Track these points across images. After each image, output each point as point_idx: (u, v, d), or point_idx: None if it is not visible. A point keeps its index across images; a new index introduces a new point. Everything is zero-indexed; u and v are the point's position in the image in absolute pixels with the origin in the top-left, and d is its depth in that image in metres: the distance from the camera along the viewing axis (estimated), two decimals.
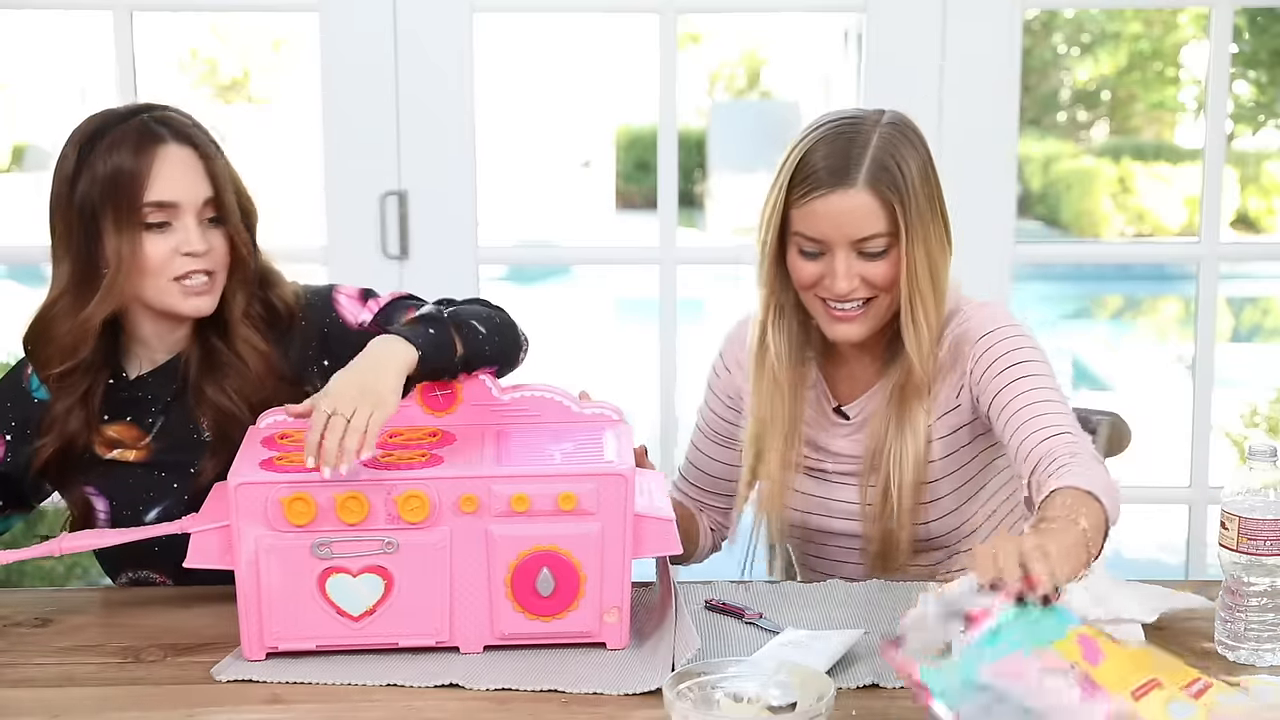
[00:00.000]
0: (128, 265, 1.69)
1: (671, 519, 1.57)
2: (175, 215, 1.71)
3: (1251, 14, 11.29)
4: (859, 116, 1.76)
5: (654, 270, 2.86)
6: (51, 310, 1.72)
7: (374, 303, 1.84)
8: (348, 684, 1.49)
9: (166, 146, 1.71)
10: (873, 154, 1.72)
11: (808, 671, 1.38)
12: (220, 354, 1.76)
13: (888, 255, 1.74)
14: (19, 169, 15.56)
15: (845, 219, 1.72)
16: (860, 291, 1.75)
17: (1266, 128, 14.25)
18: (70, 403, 1.75)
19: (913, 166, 1.73)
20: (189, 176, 1.71)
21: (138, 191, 1.68)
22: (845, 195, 1.71)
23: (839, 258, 1.73)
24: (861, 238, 1.73)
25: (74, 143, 1.72)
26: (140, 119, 1.72)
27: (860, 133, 1.73)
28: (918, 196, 1.73)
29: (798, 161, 1.74)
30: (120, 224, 1.68)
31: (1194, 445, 2.93)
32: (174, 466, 1.78)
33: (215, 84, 15.95)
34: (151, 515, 1.78)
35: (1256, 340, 10.48)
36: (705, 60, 18.73)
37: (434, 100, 2.77)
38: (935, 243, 1.76)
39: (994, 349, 1.77)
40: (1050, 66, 16.03)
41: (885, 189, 1.71)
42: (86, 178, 1.69)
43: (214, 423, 1.76)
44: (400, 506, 1.51)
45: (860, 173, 1.71)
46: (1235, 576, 1.54)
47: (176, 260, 1.71)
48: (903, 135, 1.75)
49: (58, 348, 1.72)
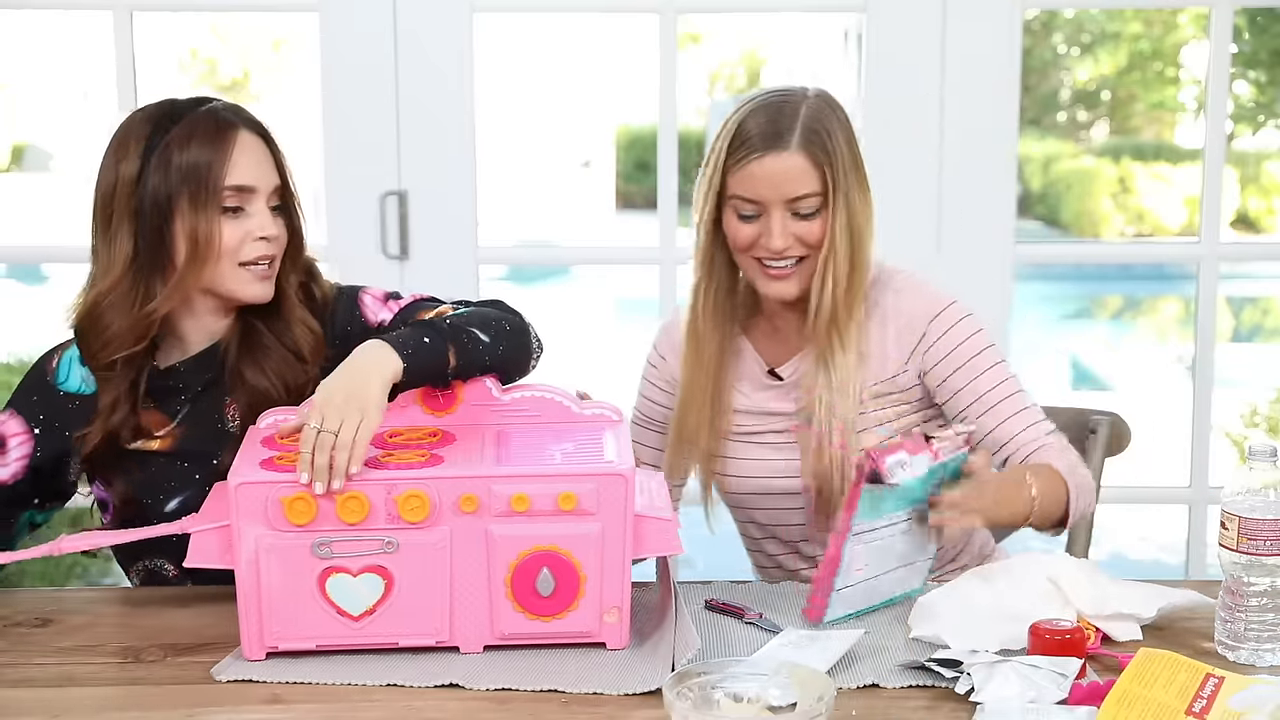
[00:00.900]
0: (203, 249, 1.72)
1: (671, 519, 1.57)
2: (249, 200, 1.75)
3: (1251, 14, 11.29)
4: (788, 89, 1.90)
5: (654, 270, 2.87)
6: (106, 299, 1.73)
7: (394, 304, 1.86)
8: (347, 684, 1.49)
9: (241, 133, 1.75)
10: (804, 120, 1.85)
11: (808, 671, 1.38)
12: (262, 337, 1.79)
13: (819, 215, 1.86)
14: (19, 169, 15.56)
15: (780, 179, 1.83)
16: (795, 249, 1.86)
17: (1266, 128, 14.25)
18: (116, 395, 1.76)
19: (839, 134, 1.86)
20: (263, 164, 1.77)
21: (219, 175, 1.72)
22: (779, 157, 1.83)
23: (774, 217, 1.85)
24: (795, 196, 1.84)
25: (134, 136, 1.74)
26: (210, 107, 1.76)
27: (789, 102, 1.87)
28: (844, 161, 1.86)
29: (734, 131, 1.87)
30: (198, 207, 1.71)
31: (1194, 445, 2.93)
32: (196, 457, 1.79)
33: (215, 84, 15.94)
34: (172, 505, 1.79)
35: (1256, 340, 10.48)
36: (705, 60, 18.72)
37: (434, 100, 2.77)
38: (859, 206, 1.87)
39: (952, 333, 1.90)
40: (1050, 66, 16.03)
41: (817, 151, 1.84)
42: (159, 168, 1.71)
43: (247, 409, 1.77)
44: (400, 506, 1.51)
45: (794, 136, 1.84)
46: (1235, 576, 1.54)
47: (248, 245, 1.75)
48: (829, 106, 1.89)
49: (114, 336, 1.73)
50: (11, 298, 9.54)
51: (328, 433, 1.51)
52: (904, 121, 2.79)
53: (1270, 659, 1.53)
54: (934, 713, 1.42)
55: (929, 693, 1.46)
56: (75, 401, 1.80)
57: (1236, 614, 1.54)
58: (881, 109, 2.79)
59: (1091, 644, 1.55)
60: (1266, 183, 13.63)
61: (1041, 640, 1.50)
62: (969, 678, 1.44)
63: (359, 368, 1.60)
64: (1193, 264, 2.90)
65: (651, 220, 3.00)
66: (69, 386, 1.81)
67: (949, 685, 1.46)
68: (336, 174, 2.80)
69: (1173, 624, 1.63)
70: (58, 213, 11.70)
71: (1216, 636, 1.57)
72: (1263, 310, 11.26)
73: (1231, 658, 1.54)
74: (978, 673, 1.44)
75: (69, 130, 15.15)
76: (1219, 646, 1.56)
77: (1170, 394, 7.30)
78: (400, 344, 1.63)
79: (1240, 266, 9.93)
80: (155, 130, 1.73)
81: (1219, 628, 1.56)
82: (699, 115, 16.90)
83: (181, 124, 1.73)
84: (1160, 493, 3.73)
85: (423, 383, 1.67)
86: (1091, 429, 2.13)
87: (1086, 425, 2.13)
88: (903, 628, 1.63)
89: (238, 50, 16.48)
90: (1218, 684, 1.41)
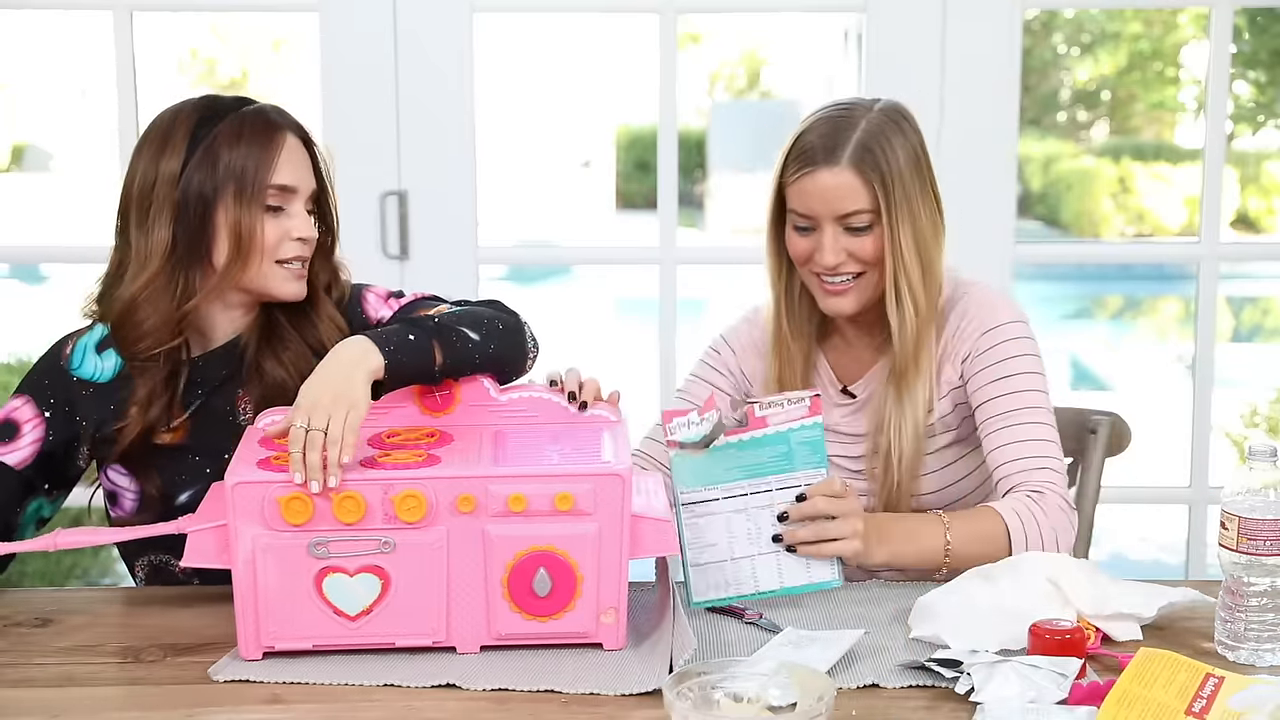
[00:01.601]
0: (245, 246, 1.73)
1: (669, 519, 1.57)
2: (290, 200, 1.77)
3: (1251, 14, 11.30)
4: (853, 103, 1.88)
5: (654, 270, 2.86)
6: (143, 293, 1.73)
7: (395, 302, 1.87)
8: (345, 684, 1.49)
9: (287, 135, 1.78)
10: (859, 137, 1.83)
11: (808, 671, 1.38)
12: (282, 330, 1.80)
13: (872, 231, 1.84)
14: (19, 169, 15.57)
15: (830, 194, 1.83)
16: (848, 266, 1.85)
17: (1266, 128, 14.25)
18: (153, 386, 1.77)
19: (899, 150, 1.84)
20: (304, 166, 1.79)
21: (265, 173, 1.74)
22: (831, 173, 1.83)
23: (826, 232, 1.84)
24: (845, 213, 1.83)
25: (178, 132, 1.74)
26: (259, 107, 1.79)
27: (851, 117, 1.85)
28: (903, 178, 1.83)
29: (793, 142, 1.87)
30: (242, 203, 1.73)
31: (1194, 445, 2.93)
32: (207, 450, 1.79)
33: (215, 84, 15.93)
34: (183, 498, 1.79)
35: (1256, 340, 10.48)
36: (705, 60, 18.73)
37: (434, 100, 2.77)
38: (925, 223, 1.86)
39: (995, 349, 1.87)
40: (1050, 66, 16.04)
41: (868, 169, 1.82)
42: (204, 164, 1.72)
43: (260, 402, 1.78)
44: (397, 506, 1.51)
45: (845, 153, 1.83)
46: (1235, 576, 1.53)
47: (285, 244, 1.76)
48: (892, 121, 1.86)
49: (151, 329, 1.74)
50: (11, 298, 9.55)
51: (316, 430, 1.51)
52: None
53: (1270, 659, 1.52)
54: (934, 713, 1.42)
55: (929, 693, 1.46)
56: (89, 389, 1.80)
57: (1236, 614, 1.54)
58: None
59: (1091, 644, 1.55)
60: (1266, 183, 13.64)
61: (1041, 640, 1.50)
62: (969, 678, 1.44)
63: (339, 364, 1.60)
64: (1193, 264, 2.90)
65: (651, 220, 3.00)
66: (83, 373, 1.81)
67: (949, 685, 1.46)
68: (336, 174, 2.79)
69: (1173, 624, 1.63)
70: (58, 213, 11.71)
71: (1216, 636, 1.57)
72: (1263, 310, 11.27)
73: (1231, 658, 1.54)
74: (978, 673, 1.44)
75: (69, 130, 15.16)
76: (1219, 646, 1.56)
77: (1170, 394, 7.31)
78: (382, 340, 1.63)
79: (1240, 266, 9.94)
80: (201, 124, 1.75)
81: (1219, 628, 1.56)
82: (699, 115, 16.91)
83: (229, 121, 1.75)
84: (1160, 493, 3.73)
85: (407, 380, 1.67)
86: (1091, 429, 2.13)
87: (1086, 425, 2.13)
88: (903, 628, 1.63)
89: (238, 50, 16.49)
90: (1218, 684, 1.41)
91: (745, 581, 1.69)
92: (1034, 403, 1.84)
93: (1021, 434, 1.82)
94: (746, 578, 1.69)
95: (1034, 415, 1.83)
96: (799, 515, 1.68)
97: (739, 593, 1.69)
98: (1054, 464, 1.81)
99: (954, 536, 1.74)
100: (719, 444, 1.68)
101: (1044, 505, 1.76)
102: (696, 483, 1.69)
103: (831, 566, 1.70)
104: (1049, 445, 1.82)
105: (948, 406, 1.91)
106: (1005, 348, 1.87)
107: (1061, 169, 14.62)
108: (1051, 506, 1.76)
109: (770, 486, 1.69)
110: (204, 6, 3.30)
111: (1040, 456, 1.81)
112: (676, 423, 1.69)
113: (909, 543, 1.74)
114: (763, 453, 1.69)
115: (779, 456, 1.69)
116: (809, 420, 1.69)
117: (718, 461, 1.68)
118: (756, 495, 1.69)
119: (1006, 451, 1.82)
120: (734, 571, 1.69)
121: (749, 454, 1.68)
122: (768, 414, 1.68)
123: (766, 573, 1.69)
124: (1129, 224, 13.87)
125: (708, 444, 1.68)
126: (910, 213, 1.84)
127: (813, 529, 1.68)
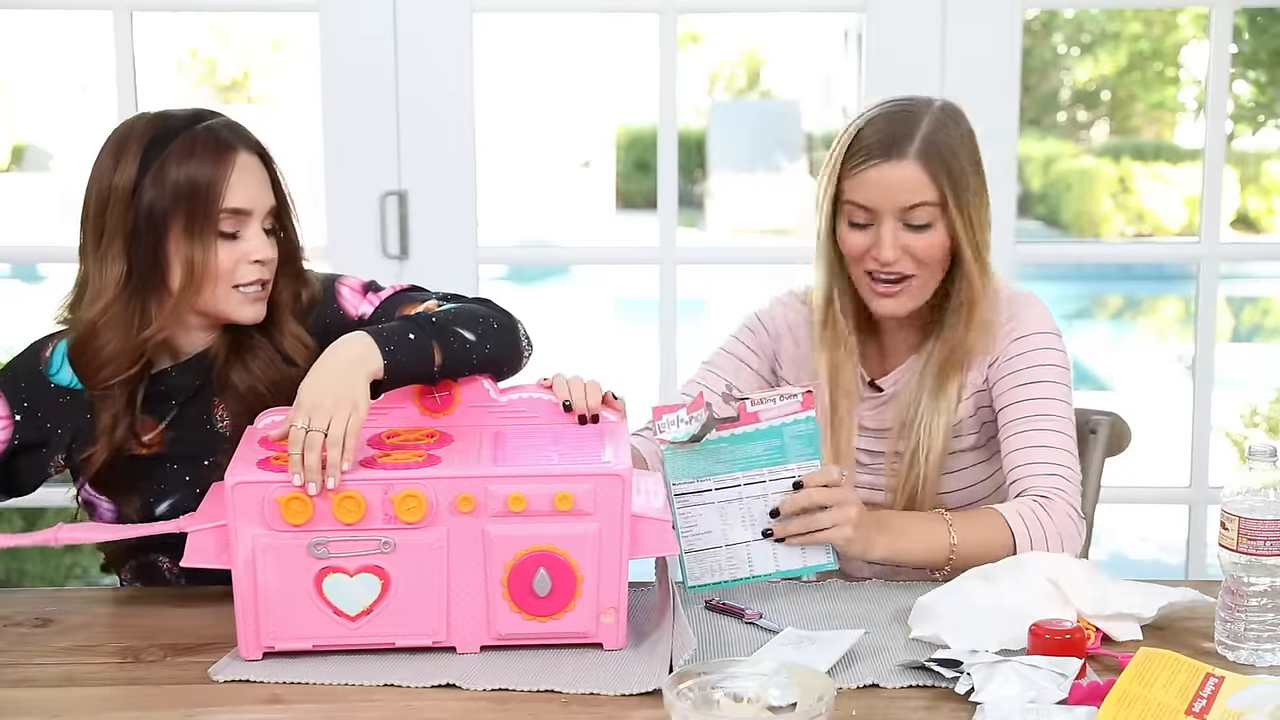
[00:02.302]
0: (199, 274, 1.69)
1: (668, 520, 1.57)
2: (244, 224, 1.72)
3: (1251, 14, 11.28)
4: (913, 99, 1.88)
5: (654, 270, 2.86)
6: (101, 319, 1.70)
7: (375, 296, 1.84)
8: (345, 684, 1.49)
9: (239, 154, 1.72)
10: (924, 131, 1.82)
11: (808, 671, 1.38)
12: (251, 339, 1.78)
13: (932, 229, 1.83)
14: (19, 169, 15.56)
15: (895, 187, 1.81)
16: (904, 264, 1.83)
17: (1266, 128, 14.24)
18: (115, 411, 1.74)
19: (961, 149, 1.84)
20: (259, 184, 1.74)
21: (214, 198, 1.69)
22: (896, 166, 1.81)
23: (886, 226, 1.82)
24: (909, 206, 1.81)
25: (130, 148, 1.70)
26: (207, 125, 1.72)
27: (912, 112, 1.84)
28: (965, 176, 1.84)
29: (853, 136, 1.85)
30: (194, 231, 1.69)
31: (1194, 445, 2.93)
32: (186, 459, 1.79)
33: (215, 84, 15.95)
34: (162, 508, 1.78)
35: (1256, 340, 10.48)
36: (705, 60, 18.72)
37: (434, 100, 2.77)
38: (981, 225, 1.86)
39: (1024, 356, 1.87)
40: (1050, 66, 16.03)
41: (934, 163, 1.81)
42: (154, 185, 1.68)
43: (236, 412, 1.77)
44: (397, 506, 1.51)
45: (912, 146, 1.81)
46: (1235, 576, 1.53)
47: (241, 268, 1.72)
48: (952, 119, 1.86)
49: (109, 358, 1.71)
50: (11, 297, 9.55)
51: (316, 431, 1.51)
52: None
53: (1270, 659, 1.52)
54: (934, 713, 1.42)
55: (929, 693, 1.46)
56: (65, 396, 1.78)
57: (1236, 614, 1.54)
58: None
59: (1091, 644, 1.55)
60: (1266, 183, 13.63)
61: (1041, 640, 1.50)
62: (969, 678, 1.44)
63: (339, 362, 1.59)
64: (1193, 264, 2.90)
65: (651, 220, 3.00)
66: (60, 379, 1.78)
67: (949, 685, 1.46)
68: (336, 174, 2.80)
69: (1173, 624, 1.63)
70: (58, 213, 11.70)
71: (1216, 636, 1.57)
72: (1263, 310, 11.27)
73: (1231, 658, 1.54)
74: (978, 673, 1.44)
75: (69, 130, 15.15)
76: (1219, 646, 1.56)
77: (1170, 394, 7.30)
78: (383, 339, 1.62)
79: (1240, 266, 9.93)
80: (153, 144, 1.70)
81: (1219, 628, 1.56)
82: (699, 115, 16.91)
83: (180, 140, 1.70)
84: (1160, 493, 3.73)
85: (405, 380, 1.66)
86: (1092, 429, 2.12)
87: (1086, 425, 2.13)
88: (903, 628, 1.63)
89: (238, 50, 16.48)
90: (1218, 684, 1.41)
91: (740, 566, 1.70)
92: (1054, 411, 1.83)
93: (1037, 439, 1.81)
94: (742, 562, 1.70)
95: (1053, 424, 1.82)
96: (793, 507, 1.68)
97: (734, 576, 1.70)
98: (1066, 472, 1.80)
99: (959, 536, 1.74)
100: (710, 439, 1.68)
101: (1051, 511, 1.75)
102: (689, 475, 1.69)
103: (827, 550, 1.71)
104: (1063, 454, 1.81)
105: (970, 409, 1.91)
106: (1034, 356, 1.86)
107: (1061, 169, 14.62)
108: (1058, 512, 1.75)
109: (764, 477, 1.69)
110: (204, 6, 3.30)
111: (1053, 464, 1.80)
112: (666, 420, 1.69)
113: (909, 539, 1.74)
114: (755, 447, 1.69)
115: (772, 450, 1.69)
116: (802, 415, 1.69)
117: (710, 455, 1.69)
118: (750, 485, 1.69)
119: (1021, 455, 1.82)
120: (729, 557, 1.70)
121: (741, 448, 1.69)
122: (760, 409, 1.68)
123: (762, 557, 1.70)
124: (1129, 224, 13.86)
125: (697, 441, 1.68)
126: (972, 212, 1.84)
127: (802, 522, 1.68)
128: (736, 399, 1.69)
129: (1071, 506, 1.77)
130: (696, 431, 1.67)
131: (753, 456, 1.69)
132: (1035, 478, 1.79)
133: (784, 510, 1.68)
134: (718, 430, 1.68)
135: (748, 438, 1.69)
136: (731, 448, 1.69)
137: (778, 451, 1.69)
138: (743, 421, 1.69)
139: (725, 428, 1.68)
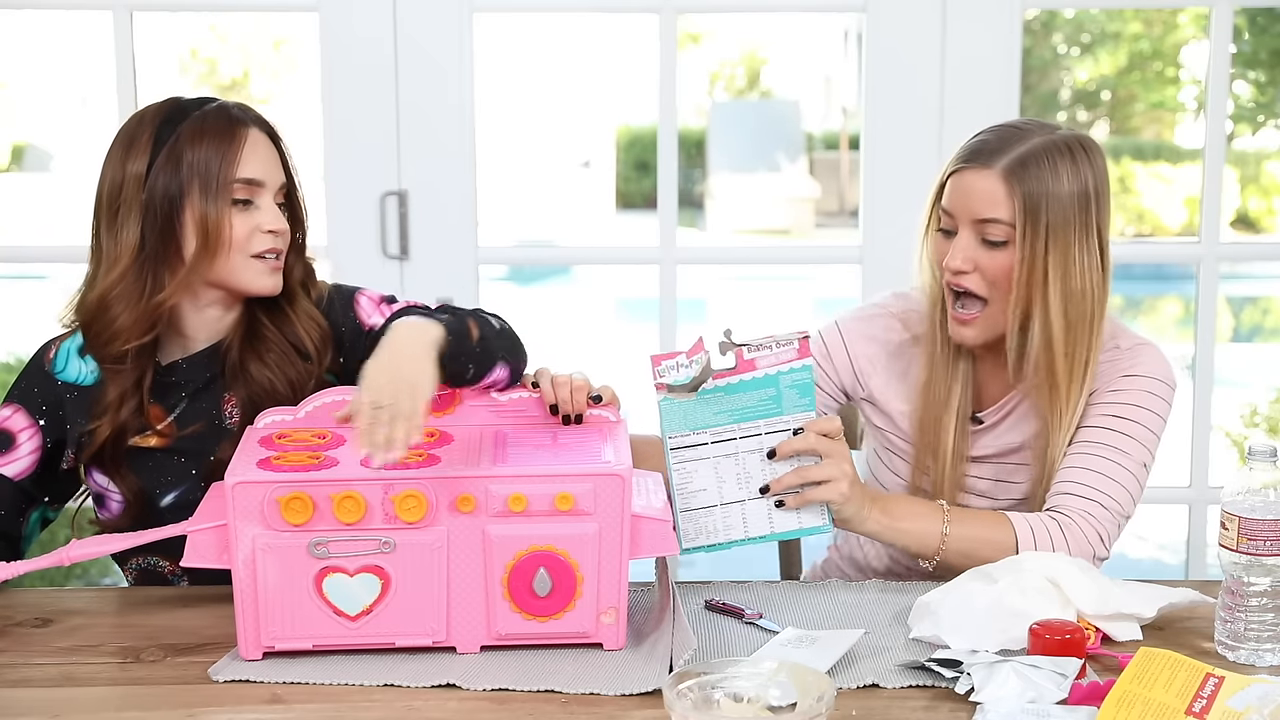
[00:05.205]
0: (213, 240, 1.73)
1: (668, 520, 1.57)
2: (258, 194, 1.77)
3: (1251, 14, 11.29)
4: (1043, 122, 1.84)
5: (654, 270, 2.86)
6: (114, 290, 1.73)
7: (388, 308, 1.87)
8: (345, 684, 1.49)
9: (251, 130, 1.78)
10: (1023, 150, 1.77)
11: (808, 671, 1.37)
12: (265, 329, 1.80)
13: (1006, 248, 1.78)
14: (19, 169, 15.56)
15: (973, 195, 1.79)
16: (973, 281, 1.80)
17: (1266, 128, 14.24)
18: (124, 389, 1.77)
19: (1064, 180, 1.77)
20: (271, 161, 1.79)
21: (229, 168, 1.74)
22: (979, 175, 1.78)
23: (961, 234, 1.80)
24: (983, 218, 1.78)
25: (142, 134, 1.75)
26: (221, 104, 1.79)
27: (1025, 131, 1.80)
28: (1059, 206, 1.76)
29: (963, 144, 1.83)
30: (208, 199, 1.73)
31: (1194, 445, 2.93)
32: (193, 453, 1.80)
33: (215, 84, 15.93)
34: (168, 500, 1.79)
35: (1256, 340, 10.48)
36: (705, 60, 18.73)
37: (434, 100, 2.77)
38: (1079, 267, 1.78)
39: (1126, 392, 1.82)
40: (1050, 66, 16.03)
41: (1015, 181, 1.76)
42: (168, 162, 1.73)
43: (246, 403, 1.78)
44: (397, 506, 1.51)
45: (1002, 160, 1.77)
46: (1235, 576, 1.53)
47: (256, 237, 1.76)
48: (1068, 148, 1.79)
49: (122, 328, 1.74)
50: (11, 297, 9.55)
51: (384, 407, 1.51)
52: (904, 121, 2.79)
53: (1270, 659, 1.53)
54: (934, 713, 1.42)
55: (929, 693, 1.46)
56: (74, 391, 1.80)
57: (1236, 614, 1.54)
58: (881, 109, 2.79)
59: (1091, 644, 1.55)
60: (1266, 183, 13.63)
61: (1041, 640, 1.50)
62: (969, 678, 1.44)
63: (403, 341, 1.60)
64: (1193, 264, 2.90)
65: (651, 220, 3.00)
66: (67, 376, 1.81)
67: (949, 685, 1.46)
68: (336, 174, 2.80)
69: (1173, 624, 1.63)
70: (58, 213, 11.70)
71: (1216, 636, 1.57)
72: (1263, 310, 11.26)
73: (1231, 658, 1.54)
74: (978, 673, 1.44)
75: (69, 130, 15.16)
76: (1219, 646, 1.56)
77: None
78: (430, 313, 1.66)
79: (1240, 266, 9.94)
80: (164, 126, 1.75)
81: (1219, 628, 1.56)
82: (699, 115, 16.91)
83: (192, 120, 1.75)
84: (1160, 493, 3.70)
85: (456, 356, 1.66)
86: None
87: None
88: (903, 628, 1.63)
89: (238, 50, 16.47)
90: (1218, 684, 1.41)
91: (735, 527, 1.69)
92: (1129, 449, 1.78)
93: (1097, 465, 1.77)
94: (736, 523, 1.69)
95: (1122, 459, 1.77)
96: (789, 450, 1.66)
97: (729, 539, 1.69)
98: (1110, 504, 1.75)
99: (951, 529, 1.72)
100: (707, 387, 1.66)
101: (1067, 532, 1.72)
102: (684, 427, 1.67)
103: (822, 512, 1.69)
104: (1117, 488, 1.76)
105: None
106: (1137, 395, 1.81)
107: None
108: (1075, 535, 1.72)
109: (759, 430, 1.68)
110: (204, 6, 3.30)
111: (1099, 491, 1.75)
112: (665, 365, 1.66)
113: (904, 519, 1.72)
114: (751, 396, 1.67)
115: (767, 400, 1.67)
116: (798, 363, 1.67)
117: (706, 405, 1.67)
118: (745, 440, 1.68)
119: (1070, 474, 1.78)
120: (723, 517, 1.68)
121: (737, 397, 1.67)
122: (757, 356, 1.66)
123: (756, 519, 1.69)
124: (1129, 224, 13.86)
125: (695, 387, 1.66)
126: (1061, 247, 1.76)
127: (797, 473, 1.66)
128: (734, 345, 1.67)
129: (1097, 535, 1.72)
130: (697, 374, 1.65)
131: (749, 407, 1.67)
132: (1070, 497, 1.75)
133: (780, 452, 1.66)
134: (714, 379, 1.66)
135: (744, 386, 1.67)
136: (728, 397, 1.67)
137: (774, 401, 1.67)
138: (739, 369, 1.67)
139: (721, 375, 1.67)
